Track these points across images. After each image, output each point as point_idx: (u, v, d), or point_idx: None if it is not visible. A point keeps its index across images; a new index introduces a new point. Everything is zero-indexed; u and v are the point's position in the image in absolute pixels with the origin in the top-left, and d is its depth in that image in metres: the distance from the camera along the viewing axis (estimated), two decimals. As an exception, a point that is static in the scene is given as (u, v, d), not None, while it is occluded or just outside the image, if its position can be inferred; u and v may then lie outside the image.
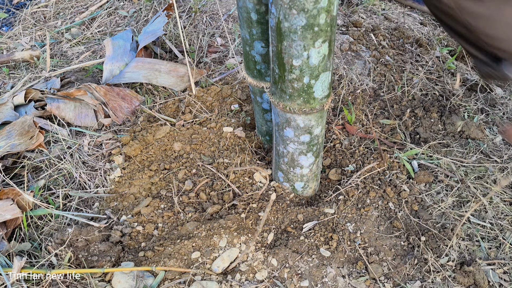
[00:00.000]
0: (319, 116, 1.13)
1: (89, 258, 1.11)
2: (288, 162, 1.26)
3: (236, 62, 1.90)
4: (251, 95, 1.40)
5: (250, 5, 1.07)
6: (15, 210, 1.14)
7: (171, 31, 2.02)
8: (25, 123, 1.34)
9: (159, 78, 1.73)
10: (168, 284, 1.05)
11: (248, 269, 1.12)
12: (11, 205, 1.14)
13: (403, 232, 1.26)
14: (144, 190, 1.35)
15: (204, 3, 2.21)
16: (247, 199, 1.32)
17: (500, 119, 1.73)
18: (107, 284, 1.06)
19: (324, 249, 1.19)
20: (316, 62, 0.98)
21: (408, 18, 2.30)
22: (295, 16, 0.89)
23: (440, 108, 1.74)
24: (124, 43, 1.83)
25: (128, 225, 1.24)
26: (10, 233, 1.15)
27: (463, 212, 1.32)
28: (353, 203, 1.30)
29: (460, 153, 1.55)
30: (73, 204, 1.27)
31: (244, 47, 1.21)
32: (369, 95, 1.78)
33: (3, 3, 2.56)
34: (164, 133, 1.53)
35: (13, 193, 1.18)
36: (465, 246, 1.23)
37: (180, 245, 1.15)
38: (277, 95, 1.09)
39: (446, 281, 1.13)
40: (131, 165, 1.42)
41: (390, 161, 1.45)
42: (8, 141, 1.31)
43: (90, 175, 1.36)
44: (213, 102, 1.70)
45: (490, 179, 1.44)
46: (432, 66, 1.98)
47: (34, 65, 1.92)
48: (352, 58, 1.91)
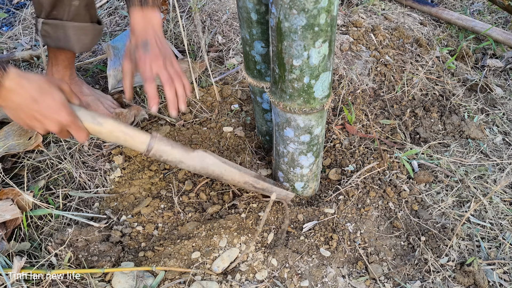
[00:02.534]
0: (319, 116, 1.13)
1: (89, 258, 1.11)
2: (288, 162, 1.26)
3: (237, 62, 1.90)
4: (251, 95, 1.40)
5: (250, 5, 1.07)
6: (15, 210, 1.13)
7: (171, 30, 2.02)
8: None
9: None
10: (168, 284, 1.05)
11: (248, 269, 1.12)
12: (10, 205, 1.14)
13: (403, 232, 1.26)
14: (144, 190, 1.35)
15: (204, 3, 2.21)
16: (247, 199, 1.32)
17: (500, 119, 1.73)
18: (107, 284, 1.06)
19: (324, 249, 1.19)
20: (316, 62, 0.98)
21: (408, 18, 2.31)
22: (295, 16, 0.89)
23: (440, 108, 1.74)
24: (124, 45, 1.82)
25: (128, 225, 1.24)
26: (10, 233, 1.15)
27: (463, 212, 1.32)
28: (353, 203, 1.30)
29: (460, 153, 1.55)
30: (73, 204, 1.27)
31: (244, 47, 1.21)
32: (369, 95, 1.78)
33: (3, 3, 2.56)
34: (164, 133, 1.53)
35: (12, 193, 1.18)
36: (465, 246, 1.23)
37: (180, 245, 1.15)
38: (277, 95, 1.09)
39: (446, 281, 1.13)
40: (131, 165, 1.42)
41: (390, 161, 1.45)
42: (6, 142, 1.31)
43: (90, 175, 1.36)
44: (213, 102, 1.70)
45: (490, 179, 1.44)
46: (432, 66, 1.98)
47: (34, 65, 1.92)
48: (352, 58, 1.91)
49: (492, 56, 2.17)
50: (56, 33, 1.25)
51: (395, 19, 2.25)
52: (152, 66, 1.04)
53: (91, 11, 1.28)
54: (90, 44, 1.34)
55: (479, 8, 2.53)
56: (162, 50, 1.06)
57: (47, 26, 1.25)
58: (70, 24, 1.23)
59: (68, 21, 1.23)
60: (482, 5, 2.55)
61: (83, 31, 1.28)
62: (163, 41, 1.08)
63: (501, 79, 2.01)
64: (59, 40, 1.27)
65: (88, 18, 1.28)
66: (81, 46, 1.32)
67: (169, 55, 1.08)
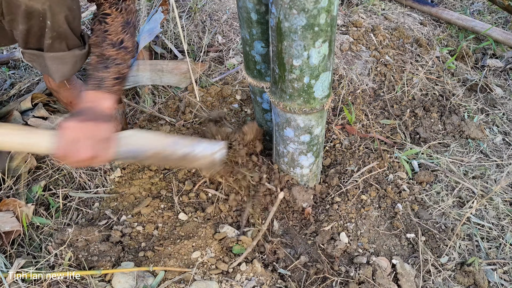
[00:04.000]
0: (319, 116, 1.13)
1: (89, 258, 1.11)
2: (288, 162, 1.26)
3: (237, 62, 1.90)
4: (251, 95, 1.40)
5: (250, 5, 1.07)
6: (15, 223, 1.14)
7: (172, 30, 2.02)
8: None
9: (163, 78, 1.73)
10: (168, 283, 1.05)
11: (248, 268, 1.12)
12: (11, 217, 1.14)
13: (403, 232, 1.26)
14: (144, 190, 1.35)
15: (204, 3, 2.21)
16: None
17: (500, 119, 1.73)
18: (107, 284, 1.06)
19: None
20: (316, 62, 0.98)
21: (408, 18, 2.31)
22: (296, 16, 0.89)
23: (440, 108, 1.74)
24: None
25: (128, 225, 1.24)
26: (9, 241, 1.15)
27: (463, 212, 1.32)
28: (353, 203, 1.30)
29: (460, 153, 1.55)
30: (73, 204, 1.27)
31: (244, 47, 1.21)
32: (369, 95, 1.78)
33: (3, 3, 2.55)
34: (165, 133, 1.53)
35: (14, 204, 1.18)
36: (465, 246, 1.23)
37: (180, 245, 1.15)
38: (277, 95, 1.09)
39: (446, 281, 1.13)
40: (131, 165, 1.42)
41: (390, 161, 1.45)
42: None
43: (90, 175, 1.36)
44: (213, 102, 1.70)
45: (490, 179, 1.44)
46: (432, 66, 1.98)
47: (34, 65, 1.92)
48: (352, 58, 1.91)
49: (492, 56, 2.17)
50: (38, 61, 1.19)
51: (395, 19, 2.25)
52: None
53: (68, 40, 1.18)
54: (70, 72, 1.25)
55: (479, 8, 2.53)
56: (90, 125, 0.99)
57: (27, 55, 1.19)
58: (46, 55, 1.16)
59: (45, 52, 1.16)
60: (482, 5, 2.55)
61: (60, 60, 1.20)
62: (100, 119, 1.02)
63: (501, 79, 2.01)
64: (43, 66, 1.21)
65: (64, 47, 1.18)
66: (60, 75, 1.23)
67: (95, 135, 0.99)
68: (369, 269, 1.10)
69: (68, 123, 0.96)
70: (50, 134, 0.95)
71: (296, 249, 1.21)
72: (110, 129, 1.01)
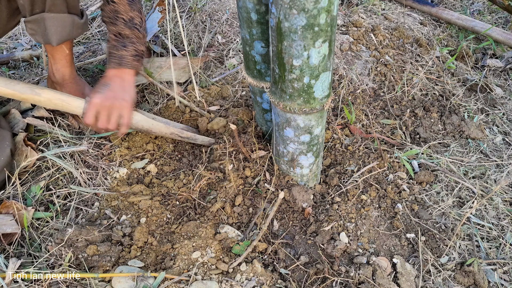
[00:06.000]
0: (319, 116, 1.13)
1: (89, 258, 1.11)
2: (288, 162, 1.26)
3: (236, 62, 1.90)
4: (251, 95, 1.40)
5: (250, 5, 1.07)
6: (14, 225, 1.14)
7: (171, 30, 2.02)
8: (19, 143, 1.35)
9: (163, 74, 1.74)
10: (168, 284, 1.05)
11: (248, 268, 1.12)
12: (11, 220, 1.15)
13: (403, 232, 1.26)
14: (145, 189, 1.35)
15: (204, 3, 2.21)
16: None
17: (500, 119, 1.73)
18: (107, 284, 1.06)
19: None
20: (316, 62, 0.98)
21: (408, 18, 2.31)
22: (295, 16, 0.89)
23: (440, 108, 1.74)
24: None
25: (129, 225, 1.24)
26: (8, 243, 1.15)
27: (463, 212, 1.32)
28: (353, 203, 1.30)
29: (460, 153, 1.55)
30: (73, 204, 1.27)
31: (244, 47, 1.21)
32: (369, 95, 1.78)
33: (3, 3, 2.56)
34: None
35: (14, 207, 1.18)
36: (465, 246, 1.23)
37: (180, 245, 1.15)
38: (277, 95, 1.09)
39: (446, 281, 1.13)
40: (131, 165, 1.42)
41: (390, 161, 1.45)
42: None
43: (90, 175, 1.36)
44: (213, 102, 1.70)
45: (490, 179, 1.44)
46: (432, 66, 1.98)
47: (34, 65, 1.92)
48: (352, 58, 1.91)
49: (492, 56, 2.17)
50: (40, 28, 1.25)
51: (395, 19, 2.25)
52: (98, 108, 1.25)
53: (68, 1, 1.25)
54: (67, 36, 1.31)
55: (479, 8, 2.53)
56: (119, 95, 1.27)
57: (30, 24, 1.25)
58: (47, 15, 1.22)
59: (45, 12, 1.22)
60: (482, 5, 2.55)
61: (60, 22, 1.26)
62: (127, 89, 1.29)
63: (501, 79, 2.01)
64: (43, 31, 1.26)
65: (65, 8, 1.25)
66: (58, 38, 1.28)
67: (122, 103, 1.27)
68: (369, 269, 1.10)
69: (96, 94, 1.24)
70: (83, 100, 1.26)
71: (296, 249, 1.21)
72: (133, 98, 1.29)
